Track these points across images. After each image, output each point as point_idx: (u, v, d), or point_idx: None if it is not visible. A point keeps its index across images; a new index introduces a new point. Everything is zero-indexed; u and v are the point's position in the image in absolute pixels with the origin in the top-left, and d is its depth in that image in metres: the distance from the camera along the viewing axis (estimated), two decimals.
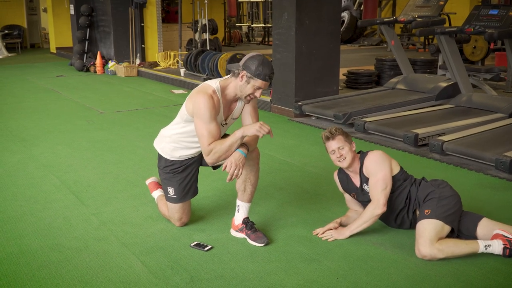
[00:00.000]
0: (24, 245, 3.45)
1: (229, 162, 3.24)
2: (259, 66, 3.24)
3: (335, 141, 3.46)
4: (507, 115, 6.27)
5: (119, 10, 12.55)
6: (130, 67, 12.05)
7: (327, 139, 3.50)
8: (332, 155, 3.51)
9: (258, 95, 3.33)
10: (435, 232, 3.20)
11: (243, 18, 21.34)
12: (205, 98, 3.26)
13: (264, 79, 3.26)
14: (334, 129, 3.51)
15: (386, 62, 9.46)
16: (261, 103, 8.03)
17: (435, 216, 3.23)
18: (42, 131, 6.62)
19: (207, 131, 3.27)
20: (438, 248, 3.16)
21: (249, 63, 3.27)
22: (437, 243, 3.17)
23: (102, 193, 4.42)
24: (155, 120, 7.21)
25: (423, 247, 3.17)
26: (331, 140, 3.47)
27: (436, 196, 3.34)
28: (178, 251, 3.36)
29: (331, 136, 3.48)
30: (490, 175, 4.77)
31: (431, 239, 3.17)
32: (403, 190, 3.46)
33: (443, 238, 3.24)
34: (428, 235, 3.19)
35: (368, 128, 6.13)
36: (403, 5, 11.50)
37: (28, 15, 19.07)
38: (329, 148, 3.50)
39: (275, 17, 7.55)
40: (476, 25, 6.64)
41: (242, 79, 3.28)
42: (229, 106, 3.45)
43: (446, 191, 3.39)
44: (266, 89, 3.31)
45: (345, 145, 3.47)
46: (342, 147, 3.46)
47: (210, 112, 3.26)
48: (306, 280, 2.99)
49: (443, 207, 3.28)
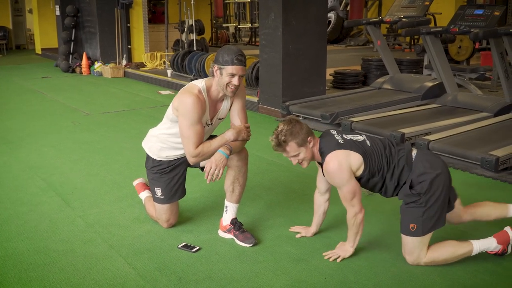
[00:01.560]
0: (10, 248, 3.43)
1: (210, 163, 3.23)
2: (224, 54, 3.28)
3: (286, 152, 3.15)
4: (492, 114, 6.31)
5: (105, 10, 12.49)
6: (117, 68, 12.00)
7: (276, 151, 3.19)
8: (292, 159, 3.19)
9: (236, 82, 3.29)
10: (423, 246, 3.09)
11: (230, 19, 21.31)
12: (192, 98, 3.26)
13: (232, 63, 3.25)
14: (282, 139, 3.08)
15: (373, 62, 9.50)
16: (249, 104, 8.03)
17: (422, 233, 3.04)
18: (27, 133, 6.57)
19: (193, 133, 3.27)
20: (429, 260, 3.10)
21: (216, 56, 3.33)
22: (428, 252, 3.10)
23: (89, 195, 4.40)
24: (142, 121, 7.19)
25: (413, 262, 3.11)
26: (281, 151, 3.16)
27: (423, 203, 3.04)
28: (166, 252, 3.35)
29: (279, 149, 3.14)
30: (476, 174, 4.81)
31: (419, 255, 3.09)
32: (375, 185, 3.19)
33: (437, 244, 3.15)
34: (417, 254, 3.09)
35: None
36: (389, 5, 11.54)
37: (14, 16, 18.91)
38: (285, 155, 3.20)
39: (262, 17, 7.55)
40: (461, 25, 6.68)
41: (217, 73, 3.31)
42: (214, 105, 3.44)
43: (436, 185, 3.05)
44: (243, 74, 3.28)
45: (298, 150, 3.12)
46: (294, 155, 3.14)
47: (197, 113, 3.26)
48: (294, 280, 3.00)
49: (431, 219, 3.04)
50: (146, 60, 12.36)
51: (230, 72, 3.26)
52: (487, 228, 3.49)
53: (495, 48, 6.41)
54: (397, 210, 3.99)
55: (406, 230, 3.09)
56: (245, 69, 3.33)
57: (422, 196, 3.04)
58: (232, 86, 3.30)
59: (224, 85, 3.30)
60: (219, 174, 3.24)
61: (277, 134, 3.10)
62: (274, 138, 3.12)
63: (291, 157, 3.16)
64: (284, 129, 3.09)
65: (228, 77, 3.27)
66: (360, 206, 3.13)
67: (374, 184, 3.18)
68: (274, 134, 3.13)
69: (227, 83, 3.29)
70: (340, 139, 3.15)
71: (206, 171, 3.23)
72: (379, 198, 4.21)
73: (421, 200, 3.05)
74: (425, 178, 3.06)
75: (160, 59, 12.37)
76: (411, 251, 3.10)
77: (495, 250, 3.19)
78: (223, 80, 3.29)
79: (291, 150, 3.11)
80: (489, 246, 3.17)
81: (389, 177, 3.13)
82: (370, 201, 4.12)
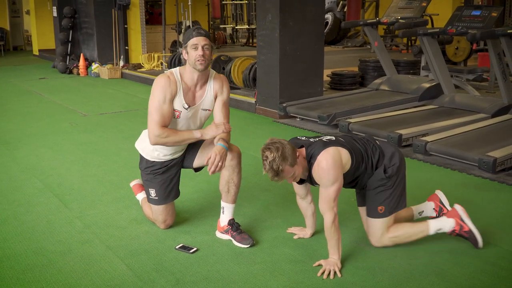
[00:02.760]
0: (8, 248, 3.42)
1: (214, 153, 3.23)
2: (185, 34, 3.40)
3: (282, 178, 3.05)
4: (489, 115, 6.32)
5: (102, 12, 12.48)
6: (114, 69, 11.99)
7: (274, 181, 3.05)
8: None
9: (200, 52, 3.29)
10: (387, 226, 3.29)
11: (227, 20, 21.31)
12: (161, 79, 3.36)
13: (192, 35, 3.32)
14: (279, 167, 2.93)
15: (370, 63, 9.51)
16: (246, 105, 8.04)
17: (389, 213, 3.25)
18: (25, 134, 6.56)
19: (159, 112, 3.30)
20: (390, 240, 3.30)
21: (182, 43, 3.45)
22: (389, 233, 3.29)
23: (86, 196, 4.39)
24: (139, 122, 7.18)
25: (376, 243, 3.32)
26: (278, 180, 3.03)
27: (390, 185, 3.20)
28: (163, 253, 3.34)
29: (277, 178, 3.01)
30: (474, 175, 4.81)
31: (383, 235, 3.28)
32: (357, 178, 3.24)
33: (394, 224, 3.32)
34: (380, 234, 3.28)
35: (352, 129, 6.15)
36: (386, 6, 11.55)
37: (11, 18, 18.88)
38: (280, 182, 3.11)
39: (259, 18, 7.56)
40: (459, 26, 6.69)
41: (185, 56, 3.38)
42: (193, 91, 3.44)
43: (402, 166, 3.25)
44: (206, 45, 3.30)
45: (293, 170, 3.02)
46: (291, 174, 3.05)
47: (165, 92, 3.31)
48: (291, 281, 2.99)
49: (397, 200, 3.25)
50: (143, 61, 12.34)
51: (192, 43, 3.31)
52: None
53: (493, 49, 6.43)
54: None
55: (375, 213, 3.26)
56: (207, 39, 3.35)
57: (390, 179, 3.21)
58: (199, 58, 3.31)
59: (193, 62, 3.33)
60: (222, 166, 3.25)
61: (271, 165, 2.93)
62: (269, 170, 2.96)
63: (288, 179, 3.08)
64: (275, 157, 2.92)
65: (193, 51, 3.31)
66: (336, 209, 3.08)
67: (357, 176, 3.23)
68: (267, 166, 2.95)
69: (194, 59, 3.31)
70: (324, 139, 3.20)
71: (211, 162, 3.21)
72: None
73: (389, 182, 3.21)
74: (395, 161, 3.24)
75: (158, 60, 12.36)
76: (377, 233, 3.28)
77: (451, 228, 3.33)
78: (190, 57, 3.33)
79: (287, 173, 3.01)
80: (444, 224, 3.34)
81: (370, 166, 3.22)
82: None
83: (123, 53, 12.56)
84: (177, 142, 3.39)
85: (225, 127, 3.38)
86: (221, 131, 3.36)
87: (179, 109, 3.38)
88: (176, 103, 3.36)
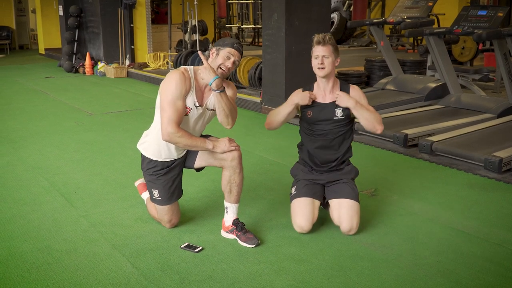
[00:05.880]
0: (14, 247, 3.43)
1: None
2: (225, 40, 3.44)
3: (324, 48, 3.52)
4: (495, 115, 6.31)
5: (108, 11, 12.51)
6: (120, 68, 12.01)
7: (317, 43, 3.54)
8: (314, 60, 3.59)
9: (229, 65, 3.35)
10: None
11: (233, 19, 21.31)
12: (176, 74, 3.34)
13: (232, 46, 3.37)
14: (328, 37, 3.53)
15: (376, 63, 9.50)
16: (251, 104, 8.04)
17: (358, 200, 3.62)
18: (30, 133, 6.58)
19: (174, 108, 3.27)
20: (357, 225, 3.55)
21: (217, 42, 3.47)
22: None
23: (92, 195, 4.40)
24: (145, 122, 7.17)
25: (351, 229, 3.51)
26: (320, 46, 3.52)
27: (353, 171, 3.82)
28: (169, 252, 3.35)
29: (322, 42, 3.51)
30: (479, 175, 4.80)
31: (357, 222, 3.52)
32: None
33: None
34: (356, 220, 3.52)
35: (358, 129, 6.14)
36: (392, 6, 11.54)
37: (17, 16, 18.96)
38: (315, 52, 3.57)
39: (265, 18, 7.55)
40: (465, 25, 6.68)
41: (213, 55, 3.40)
42: (202, 90, 3.44)
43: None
44: (237, 61, 3.37)
45: (331, 56, 3.52)
46: (327, 56, 3.52)
47: (180, 88, 3.30)
48: (296, 281, 2.99)
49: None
50: (149, 60, 12.37)
51: (228, 52, 3.35)
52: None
53: (499, 49, 6.41)
54: (399, 212, 3.99)
55: (355, 196, 3.57)
56: (240, 57, 3.43)
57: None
58: (224, 67, 3.34)
59: (216, 66, 3.34)
60: (236, 146, 3.45)
61: (324, 35, 3.53)
62: (320, 35, 3.53)
63: (321, 57, 3.52)
64: (329, 35, 3.55)
65: (223, 58, 3.34)
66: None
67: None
68: (320, 35, 3.53)
69: (220, 64, 3.34)
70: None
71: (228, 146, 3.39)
72: (382, 199, 4.21)
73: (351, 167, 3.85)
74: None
75: (163, 59, 12.39)
76: (354, 217, 3.49)
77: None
78: (217, 60, 3.36)
79: (327, 50, 3.50)
80: None
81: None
82: (372, 202, 4.12)
83: (129, 52, 12.58)
84: (187, 146, 3.37)
85: (235, 147, 3.43)
86: (233, 149, 3.40)
87: (190, 106, 3.38)
88: (189, 100, 3.36)
